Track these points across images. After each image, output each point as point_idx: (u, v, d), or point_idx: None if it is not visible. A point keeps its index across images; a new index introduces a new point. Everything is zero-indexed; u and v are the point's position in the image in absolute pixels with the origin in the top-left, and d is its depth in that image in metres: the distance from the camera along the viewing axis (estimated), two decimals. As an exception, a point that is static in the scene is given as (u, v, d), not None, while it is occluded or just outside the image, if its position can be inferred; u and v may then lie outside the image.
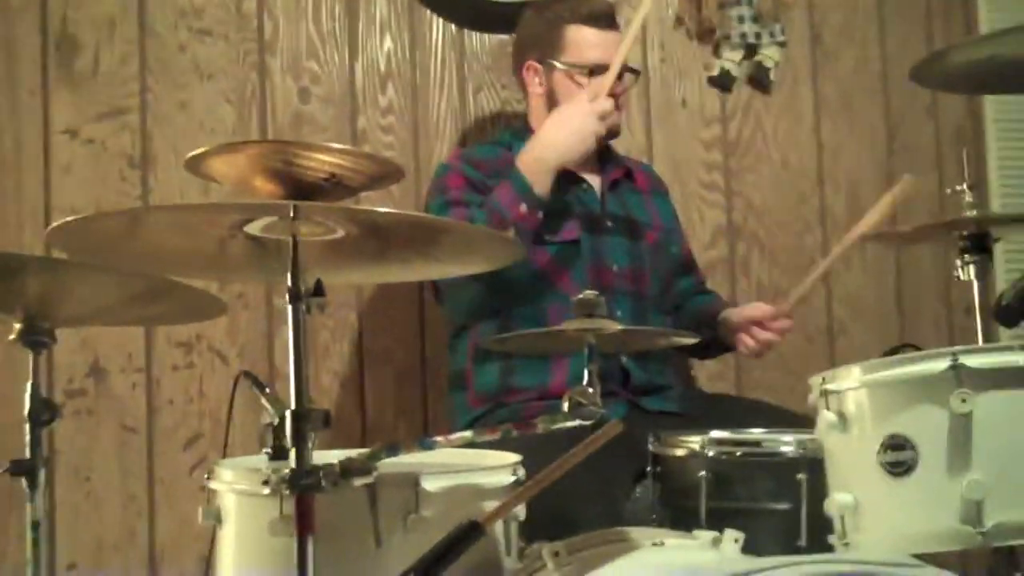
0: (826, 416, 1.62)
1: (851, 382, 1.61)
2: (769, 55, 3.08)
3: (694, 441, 1.91)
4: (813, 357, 3.10)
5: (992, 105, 3.23)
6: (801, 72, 3.17)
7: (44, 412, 1.85)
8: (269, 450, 1.96)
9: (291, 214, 1.41)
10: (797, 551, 1.77)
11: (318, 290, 1.48)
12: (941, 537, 1.50)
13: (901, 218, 3.14)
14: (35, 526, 1.76)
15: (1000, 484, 1.49)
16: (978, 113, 3.27)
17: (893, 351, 2.08)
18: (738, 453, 1.88)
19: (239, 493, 1.76)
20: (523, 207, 2.29)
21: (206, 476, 1.83)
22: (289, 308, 1.47)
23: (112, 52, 2.74)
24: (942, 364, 1.52)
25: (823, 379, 1.64)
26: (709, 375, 2.98)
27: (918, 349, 2.11)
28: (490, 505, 1.71)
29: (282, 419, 1.98)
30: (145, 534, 2.67)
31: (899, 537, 1.54)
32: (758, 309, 2.49)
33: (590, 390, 1.54)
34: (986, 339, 2.17)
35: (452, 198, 2.38)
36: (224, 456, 2.23)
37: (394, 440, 1.54)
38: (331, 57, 2.87)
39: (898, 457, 1.54)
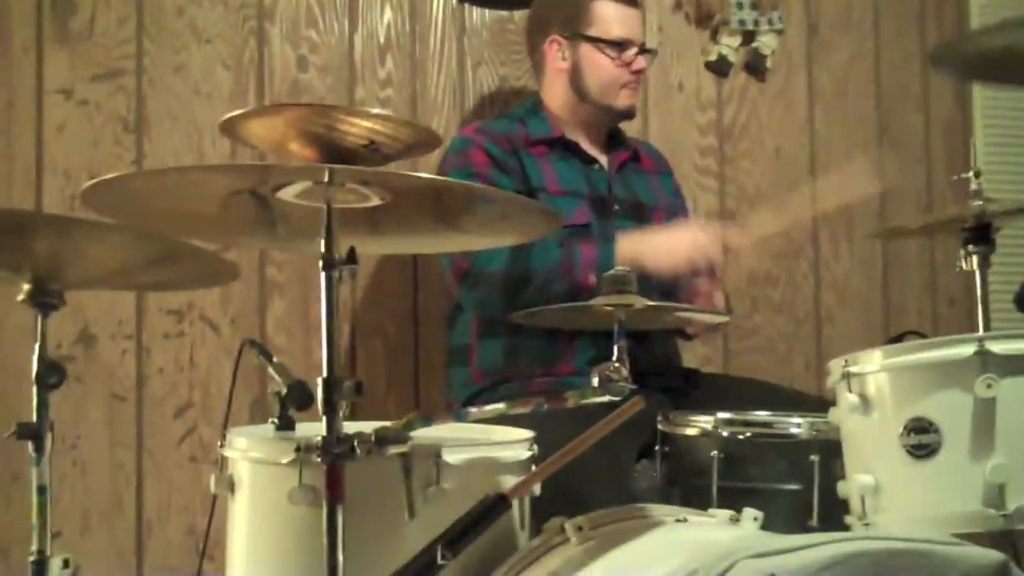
0: (848, 398, 1.64)
1: (875, 365, 1.63)
2: (766, 42, 3.09)
3: (706, 421, 1.92)
4: (799, 341, 3.13)
5: (980, 97, 3.27)
6: (796, 61, 3.19)
7: (51, 375, 1.82)
8: (275, 420, 1.96)
9: (325, 179, 1.40)
10: (809, 531, 1.78)
11: (351, 258, 1.46)
12: (963, 519, 1.52)
13: (896, 209, 3.19)
14: (41, 490, 1.73)
15: (1022, 468, 1.51)
16: (967, 105, 3.31)
17: (898, 338, 2.11)
18: (750, 433, 1.90)
19: (254, 461, 1.74)
20: (592, 279, 2.26)
21: (219, 444, 1.81)
22: (323, 275, 1.45)
23: (108, 12, 2.68)
24: (968, 349, 1.54)
25: (846, 361, 1.66)
26: (698, 358, 3.00)
27: (923, 336, 2.15)
28: (506, 479, 1.71)
29: (291, 388, 1.98)
30: (132, 504, 2.64)
31: (921, 518, 1.56)
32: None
33: (618, 366, 1.54)
34: (985, 327, 2.18)
35: (478, 173, 2.37)
36: (225, 426, 2.23)
37: (404, 413, 1.52)
38: (330, 26, 2.84)
39: (921, 440, 1.56)
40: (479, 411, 1.51)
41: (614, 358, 1.55)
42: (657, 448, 2.00)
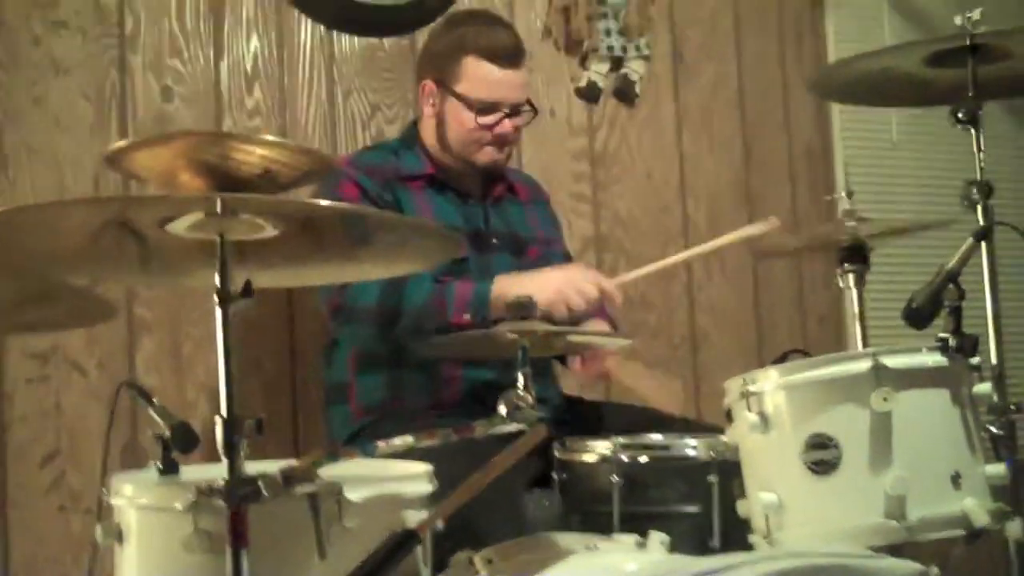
0: (747, 417, 1.65)
1: (773, 383, 1.65)
2: (635, 68, 3.13)
3: (604, 446, 1.91)
4: (676, 364, 3.16)
5: (839, 119, 3.38)
6: (664, 86, 3.24)
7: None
8: (159, 464, 1.88)
9: (217, 209, 1.34)
10: (711, 552, 1.78)
11: (247, 291, 1.40)
12: (866, 532, 1.54)
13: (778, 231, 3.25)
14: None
15: (921, 479, 1.55)
16: (826, 128, 3.41)
17: (783, 357, 2.14)
18: (648, 457, 1.89)
19: (143, 508, 1.65)
20: (466, 317, 2.24)
21: (104, 491, 1.72)
22: (218, 310, 1.39)
23: (-42, 42, 2.56)
24: (864, 365, 1.57)
25: (744, 381, 1.67)
26: (578, 384, 2.99)
27: (806, 354, 2.18)
28: (408, 514, 1.67)
29: (174, 430, 1.90)
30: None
31: (824, 533, 1.58)
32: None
33: (524, 394, 1.52)
34: (864, 344, 2.23)
35: None
36: (104, 472, 2.12)
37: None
38: (195, 55, 2.76)
39: (822, 456, 1.58)
40: (387, 445, 1.46)
41: (520, 386, 1.53)
42: (554, 475, 1.98)
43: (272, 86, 2.83)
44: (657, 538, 1.64)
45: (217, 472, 1.96)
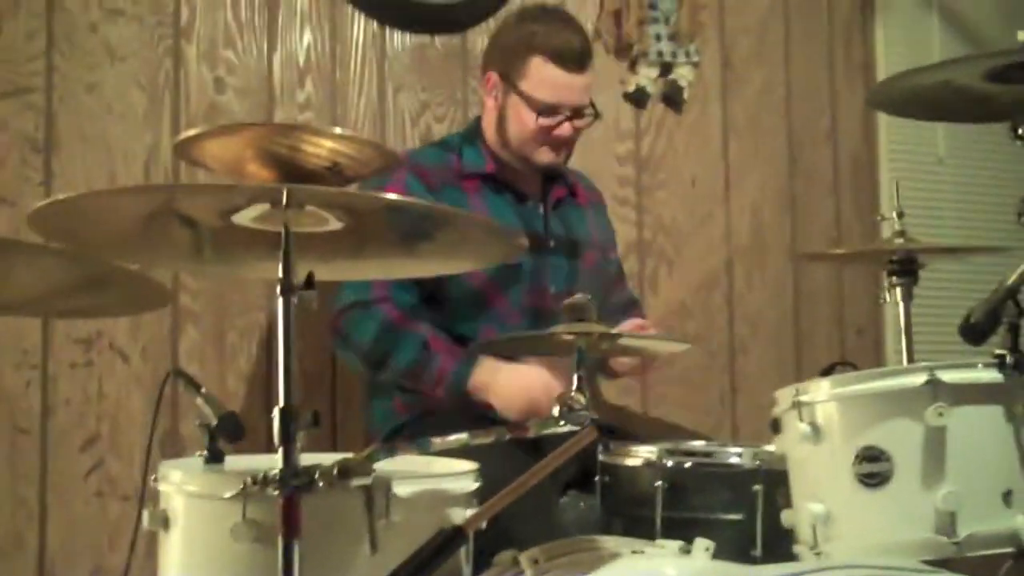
0: (798, 427, 1.65)
1: (826, 394, 1.64)
2: (683, 74, 3.13)
3: (649, 451, 1.91)
4: (714, 372, 3.16)
5: (886, 131, 3.37)
6: (711, 93, 3.23)
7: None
8: (205, 452, 1.89)
9: (283, 201, 1.35)
10: (753, 561, 1.78)
11: (309, 283, 1.41)
12: (915, 547, 1.53)
13: (806, 241, 3.26)
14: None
15: (973, 495, 1.54)
16: (872, 140, 3.40)
17: (829, 369, 2.14)
18: (693, 464, 1.89)
19: (191, 496, 1.66)
20: (440, 393, 2.31)
21: (153, 479, 1.73)
22: (280, 301, 1.40)
23: (17, 26, 2.58)
24: (920, 379, 1.56)
25: (796, 391, 1.67)
26: (617, 389, 3.00)
27: (853, 367, 2.18)
28: (453, 511, 1.68)
29: (221, 420, 1.91)
30: (35, 540, 2.51)
31: (872, 546, 1.57)
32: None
33: (578, 395, 1.52)
34: (909, 358, 2.22)
35: None
36: (148, 458, 2.14)
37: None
38: (249, 47, 2.78)
39: (873, 468, 1.58)
40: (442, 441, 1.47)
41: (574, 387, 1.53)
42: (596, 478, 1.98)
43: (324, 80, 2.84)
44: (702, 545, 1.63)
45: (262, 463, 1.99)
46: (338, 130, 1.38)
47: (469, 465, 1.74)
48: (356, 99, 2.87)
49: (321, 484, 1.34)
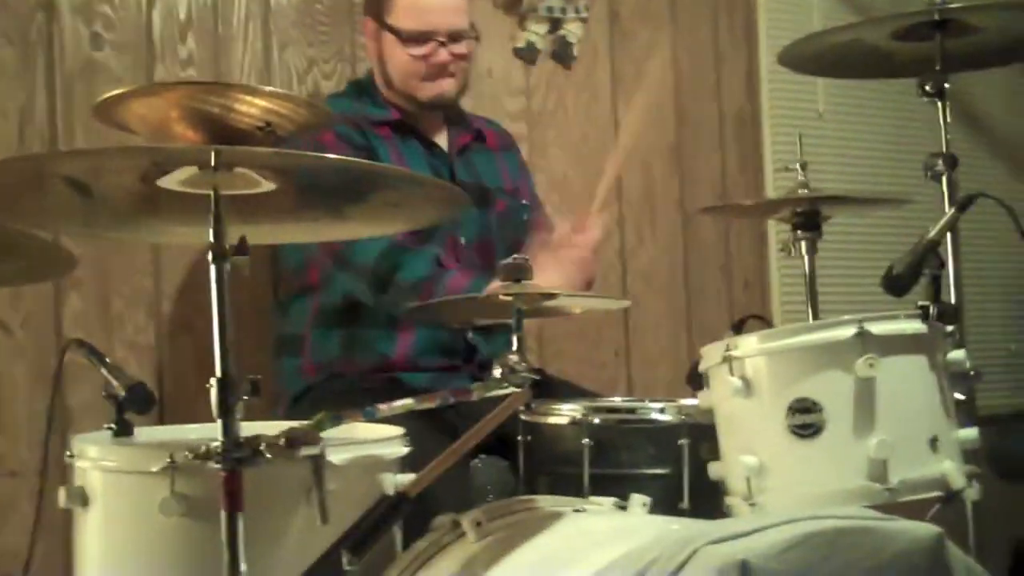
0: (729, 381, 1.66)
1: (757, 348, 1.66)
2: (572, 30, 3.11)
3: (574, 409, 1.90)
4: (608, 328, 3.17)
5: (768, 87, 3.42)
6: (600, 49, 3.22)
7: None
8: (112, 425, 1.81)
9: (212, 163, 1.28)
10: (681, 514, 1.80)
11: (242, 249, 1.35)
12: (849, 495, 1.57)
13: (693, 197, 3.30)
14: None
15: (902, 443, 1.58)
16: (755, 97, 3.45)
17: (741, 323, 2.16)
18: (619, 420, 1.89)
19: (111, 471, 1.59)
20: (463, 291, 2.17)
21: (68, 454, 1.64)
22: (212, 267, 1.33)
23: None
24: (849, 331, 1.59)
25: (727, 346, 1.68)
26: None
27: (763, 320, 2.22)
28: (384, 477, 1.64)
29: (131, 390, 1.83)
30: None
31: (807, 496, 1.61)
32: (558, 231, 2.39)
33: (517, 357, 1.50)
34: (814, 311, 2.26)
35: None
36: (49, 433, 2.04)
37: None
38: (126, 1, 2.64)
39: (806, 420, 1.60)
40: (388, 408, 1.43)
41: (514, 348, 1.51)
42: (519, 438, 1.97)
43: (206, 35, 2.72)
44: (639, 500, 1.64)
45: (174, 434, 1.92)
46: (272, 88, 1.31)
47: (397, 430, 1.71)
48: (240, 56, 2.77)
49: (269, 455, 1.28)
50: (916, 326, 1.63)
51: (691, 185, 3.32)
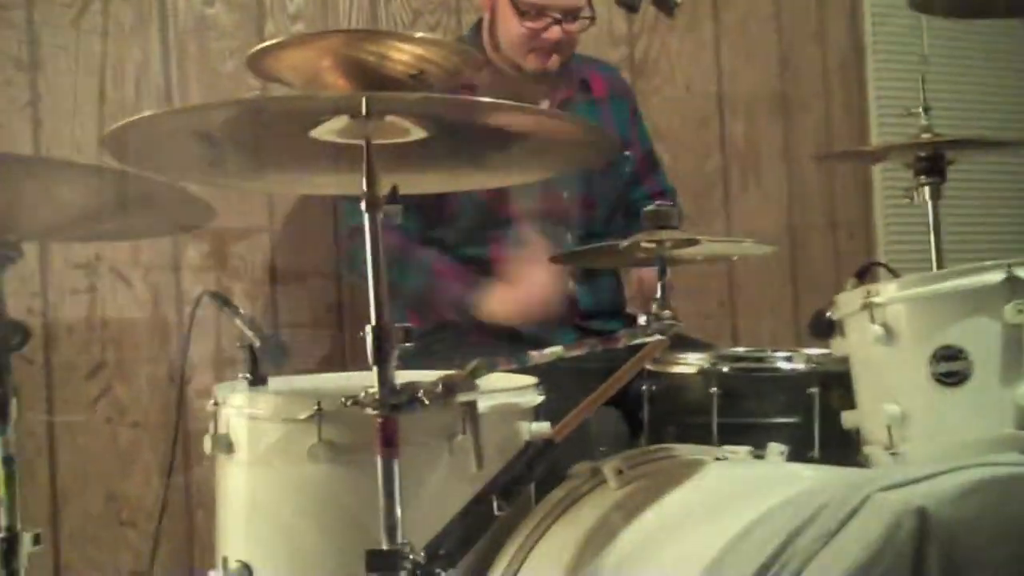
0: (870, 329, 1.64)
1: (900, 295, 1.63)
2: (674, -23, 3.06)
3: (701, 358, 1.90)
4: (711, 279, 3.15)
5: (872, 34, 3.36)
6: (703, -3, 3.18)
7: (14, 336, 1.67)
8: (247, 375, 1.84)
9: (363, 111, 1.28)
10: (811, 463, 1.79)
11: (393, 197, 1.35)
12: (996, 443, 1.54)
13: (798, 143, 3.25)
14: (8, 461, 1.59)
15: (1051, 390, 1.55)
16: (860, 42, 3.38)
17: (863, 271, 2.12)
18: (749, 368, 1.89)
19: (257, 419, 1.62)
20: (452, 316, 2.30)
21: (212, 402, 1.68)
22: (366, 216, 1.34)
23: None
24: (997, 276, 1.56)
25: (868, 292, 1.66)
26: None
27: (886, 267, 2.18)
28: (521, 425, 1.66)
29: (266, 342, 1.86)
30: (45, 471, 2.44)
31: (953, 444, 1.59)
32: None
33: (662, 305, 1.49)
34: (938, 259, 2.21)
35: None
36: (183, 383, 2.09)
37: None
38: (236, -42, 2.66)
39: (951, 367, 1.58)
40: (539, 355, 1.43)
41: (658, 296, 1.50)
42: (644, 388, 1.97)
43: (314, -10, 2.73)
44: (776, 449, 1.63)
45: (305, 384, 1.95)
46: (424, 35, 1.31)
47: (531, 379, 1.71)
48: (348, 10, 2.77)
49: (427, 401, 1.29)
50: (1065, 271, 1.59)
51: (795, 132, 3.27)
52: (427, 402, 1.29)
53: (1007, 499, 1.13)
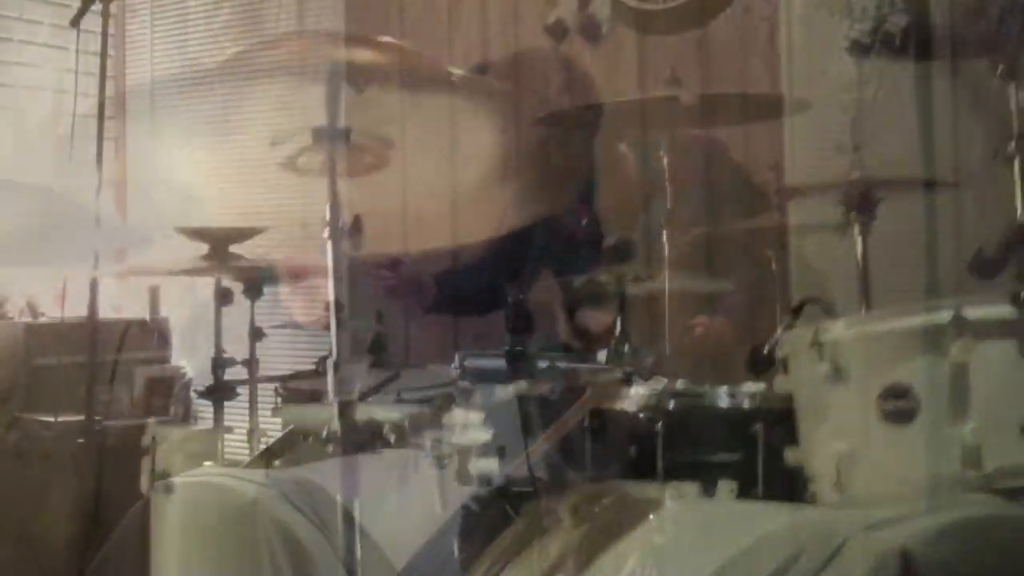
0: (819, 367, 1.64)
1: (849, 333, 1.64)
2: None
3: (645, 394, 1.88)
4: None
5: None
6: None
7: None
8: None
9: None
10: (758, 500, 1.78)
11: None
12: (943, 481, 1.56)
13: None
14: None
15: (995, 429, 1.57)
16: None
17: (799, 308, 2.13)
18: (694, 405, 1.87)
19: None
20: None
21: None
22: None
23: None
24: (945, 316, 1.58)
25: (816, 330, 1.66)
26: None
27: (821, 302, 2.19)
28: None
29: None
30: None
31: (901, 483, 1.59)
32: None
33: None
34: (866, 297, 2.24)
35: None
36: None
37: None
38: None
39: (898, 405, 1.59)
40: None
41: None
42: (584, 423, 1.94)
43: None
44: (727, 487, 1.62)
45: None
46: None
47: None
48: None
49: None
50: (1008, 311, 1.61)
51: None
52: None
53: (985, 540, 1.14)
